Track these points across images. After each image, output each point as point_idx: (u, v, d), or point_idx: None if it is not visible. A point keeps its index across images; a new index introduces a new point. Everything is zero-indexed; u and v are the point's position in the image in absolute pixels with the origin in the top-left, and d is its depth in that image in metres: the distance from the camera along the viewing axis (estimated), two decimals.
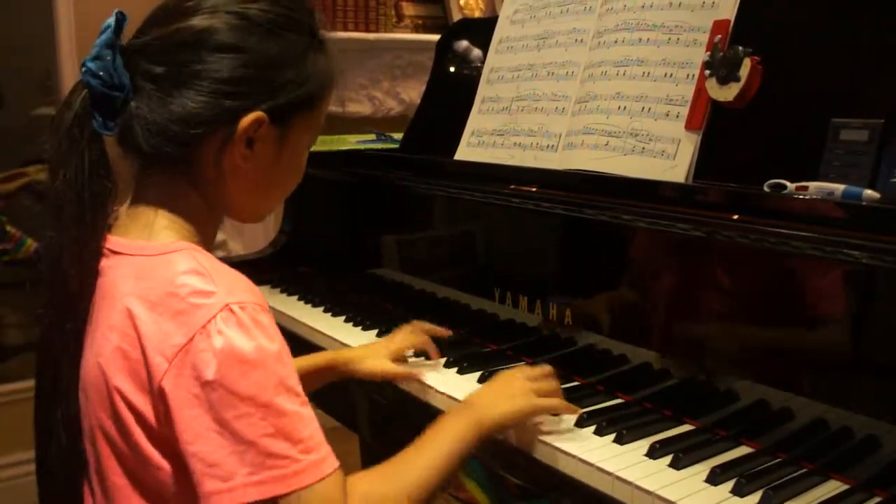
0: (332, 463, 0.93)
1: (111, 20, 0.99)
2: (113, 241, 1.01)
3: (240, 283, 0.96)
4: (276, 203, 1.13)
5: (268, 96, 0.99)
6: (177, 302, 0.92)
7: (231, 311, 0.91)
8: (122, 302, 0.95)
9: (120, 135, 0.99)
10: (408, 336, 1.47)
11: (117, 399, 0.94)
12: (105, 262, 0.99)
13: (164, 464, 0.94)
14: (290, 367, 0.94)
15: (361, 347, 1.49)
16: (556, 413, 1.20)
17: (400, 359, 1.44)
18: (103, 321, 0.97)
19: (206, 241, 1.05)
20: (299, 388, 0.94)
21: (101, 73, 0.96)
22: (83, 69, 0.97)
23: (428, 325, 1.49)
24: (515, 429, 1.17)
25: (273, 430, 0.89)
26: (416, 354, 1.48)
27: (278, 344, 0.93)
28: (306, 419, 0.92)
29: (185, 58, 0.97)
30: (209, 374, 0.88)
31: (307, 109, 1.04)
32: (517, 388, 1.18)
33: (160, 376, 0.90)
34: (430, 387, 1.35)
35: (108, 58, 0.96)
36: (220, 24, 0.98)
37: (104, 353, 0.95)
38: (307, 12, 1.06)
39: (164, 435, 0.92)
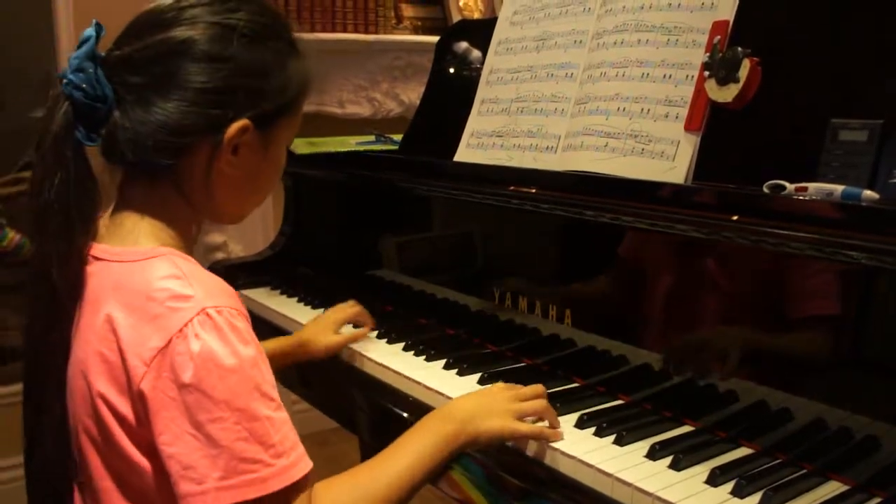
0: (303, 468, 0.95)
1: (91, 31, 0.99)
2: (96, 247, 1.01)
3: (217, 288, 0.97)
4: (258, 204, 1.14)
5: (253, 104, 1.01)
6: (154, 306, 0.93)
7: (208, 315, 0.92)
8: (103, 307, 0.96)
9: (104, 146, 1.00)
10: (344, 308, 1.58)
11: (100, 404, 0.95)
12: (88, 269, 1.00)
13: (148, 466, 0.95)
14: (266, 372, 0.95)
15: (306, 330, 1.56)
16: (537, 438, 1.16)
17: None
18: (85, 327, 0.98)
19: (187, 244, 1.06)
20: (274, 393, 0.95)
21: (84, 86, 0.96)
22: (64, 81, 0.97)
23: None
24: None
25: (246, 434, 0.90)
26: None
27: (254, 349, 0.94)
28: (278, 423, 0.94)
29: (169, 68, 0.97)
30: (186, 378, 0.90)
31: (289, 113, 1.07)
32: (497, 407, 1.16)
33: (139, 379, 0.91)
34: (431, 388, 1.35)
35: (90, 69, 0.97)
36: (204, 35, 0.99)
37: (86, 358, 0.97)
38: (282, 19, 1.08)
39: (146, 437, 0.94)
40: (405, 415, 1.37)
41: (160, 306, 0.93)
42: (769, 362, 1.14)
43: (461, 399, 1.22)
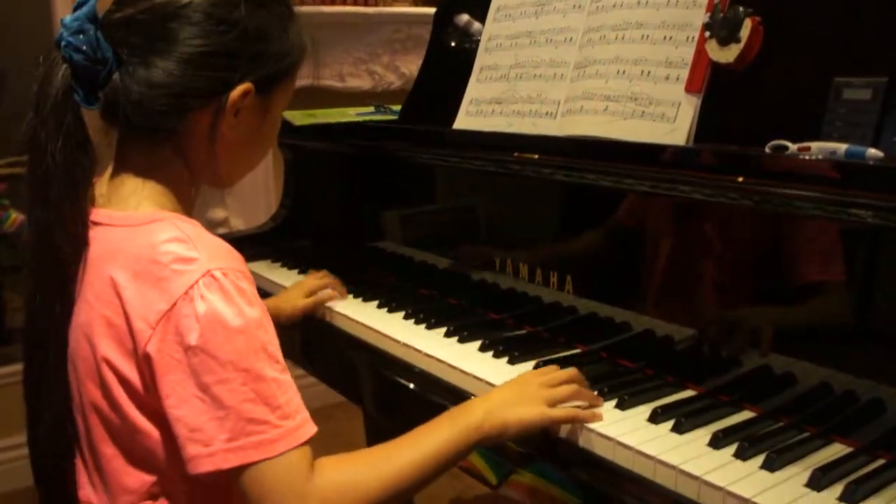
0: (308, 430, 0.95)
1: None
2: (96, 212, 1.01)
3: (222, 250, 0.97)
4: (253, 167, 1.14)
5: (256, 68, 1.01)
6: (159, 269, 0.93)
7: (213, 276, 0.92)
8: (106, 272, 0.96)
9: (104, 108, 0.99)
10: (314, 277, 1.65)
11: (105, 369, 0.95)
12: (89, 234, 1.00)
13: (153, 431, 0.96)
14: (271, 334, 0.95)
15: (276, 298, 1.63)
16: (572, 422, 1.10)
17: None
18: (88, 292, 0.98)
19: (187, 208, 1.06)
20: (279, 355, 0.95)
21: (85, 48, 0.95)
22: (63, 44, 0.96)
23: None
24: None
25: (253, 396, 0.91)
26: None
27: (259, 310, 0.95)
28: (284, 385, 0.94)
29: (173, 31, 0.97)
30: (192, 340, 0.90)
31: (288, 77, 1.07)
32: (530, 395, 1.10)
33: (144, 342, 0.92)
34: (431, 356, 1.34)
35: (91, 31, 0.95)
36: None
37: (90, 322, 0.97)
38: None
39: (151, 401, 0.94)
40: (410, 385, 1.37)
41: (165, 269, 0.93)
42: (773, 326, 1.13)
43: (495, 389, 1.16)
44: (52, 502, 1.06)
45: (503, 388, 1.15)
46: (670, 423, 1.07)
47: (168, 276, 0.92)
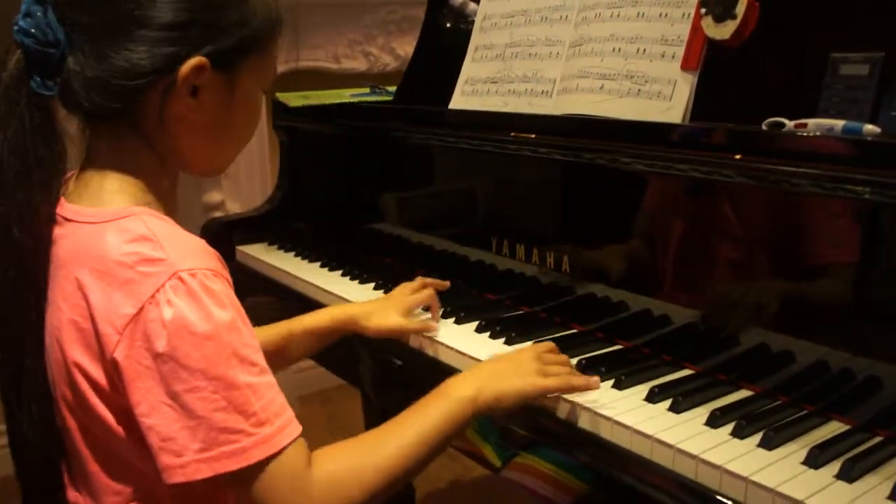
0: (290, 434, 0.90)
1: None
2: (66, 207, 0.97)
3: (191, 248, 0.93)
4: (234, 154, 1.08)
5: (209, 40, 0.94)
6: (125, 271, 0.89)
7: (180, 279, 0.88)
8: (73, 272, 0.92)
9: (60, 94, 0.95)
10: (415, 291, 1.41)
11: (75, 372, 0.92)
12: (58, 231, 0.96)
13: (124, 434, 0.92)
14: (245, 335, 0.91)
15: (367, 303, 1.43)
16: (566, 392, 1.10)
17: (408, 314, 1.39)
18: (57, 293, 0.94)
19: (163, 197, 1.01)
20: (256, 356, 0.91)
21: (34, 31, 0.91)
22: (15, 28, 0.92)
23: (430, 280, 1.44)
24: None
25: (225, 404, 0.87)
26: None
27: (231, 312, 0.90)
28: (261, 389, 0.90)
29: (120, 6, 0.92)
30: (160, 347, 0.86)
31: (254, 53, 1.00)
32: (523, 367, 1.09)
33: (112, 348, 0.88)
34: (426, 337, 1.34)
35: (39, 13, 0.92)
36: None
37: (60, 325, 0.93)
38: None
39: (122, 405, 0.90)
40: (400, 362, 1.36)
41: (130, 271, 0.89)
42: (771, 304, 1.12)
43: (484, 362, 1.15)
44: (38, 501, 1.04)
45: (495, 360, 1.15)
46: (667, 403, 1.07)
47: (134, 278, 0.88)
